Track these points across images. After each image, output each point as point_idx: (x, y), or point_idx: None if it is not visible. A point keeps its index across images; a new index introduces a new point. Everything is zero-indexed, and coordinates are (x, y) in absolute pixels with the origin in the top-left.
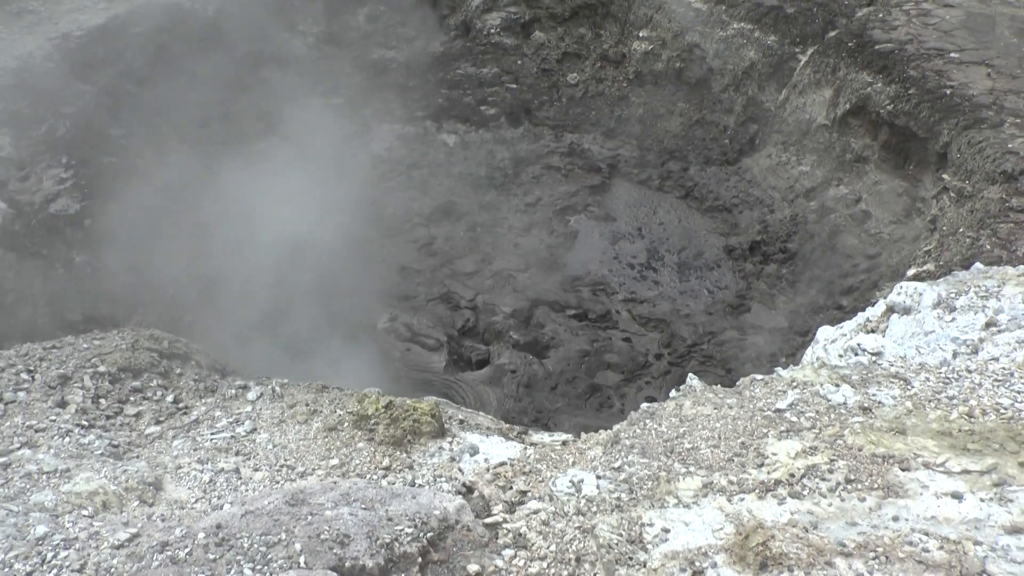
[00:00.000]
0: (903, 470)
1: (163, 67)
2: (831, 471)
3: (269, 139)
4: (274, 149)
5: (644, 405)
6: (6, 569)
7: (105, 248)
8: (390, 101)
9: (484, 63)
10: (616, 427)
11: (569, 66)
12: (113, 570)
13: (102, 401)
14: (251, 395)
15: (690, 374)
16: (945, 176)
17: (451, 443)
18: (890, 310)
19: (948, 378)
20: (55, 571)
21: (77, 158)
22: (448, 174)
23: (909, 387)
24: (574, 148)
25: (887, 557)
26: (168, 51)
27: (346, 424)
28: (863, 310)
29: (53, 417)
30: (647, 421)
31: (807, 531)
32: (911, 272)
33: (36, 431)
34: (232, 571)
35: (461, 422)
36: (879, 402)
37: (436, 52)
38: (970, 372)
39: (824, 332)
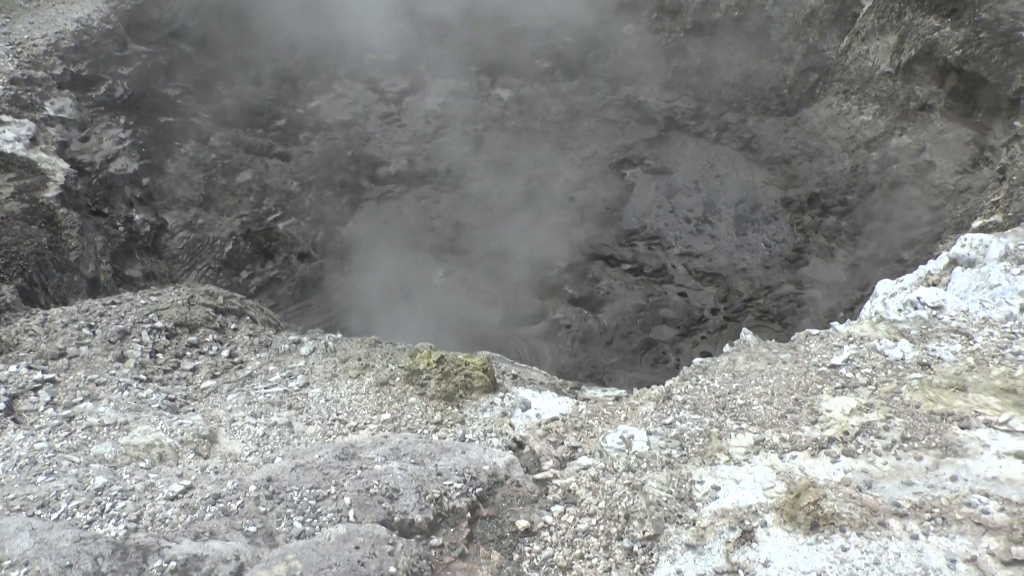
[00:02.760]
0: (963, 428)
1: (217, 27)
2: (887, 429)
3: (323, 95)
4: (329, 106)
5: (697, 360)
6: (68, 517)
7: (163, 206)
8: (444, 56)
9: (537, 16)
10: (668, 383)
11: (625, 17)
12: (167, 520)
13: (159, 356)
14: (304, 350)
15: (744, 328)
16: (1017, 123)
17: (503, 398)
18: (953, 263)
19: (1014, 333)
20: (113, 520)
21: (135, 118)
22: (503, 128)
23: (971, 342)
24: (630, 100)
25: (944, 518)
26: (222, 11)
27: (398, 379)
28: (925, 263)
29: (113, 371)
30: (699, 376)
31: (860, 490)
32: (977, 224)
33: (97, 384)
34: (282, 524)
35: (514, 377)
36: (939, 358)
37: (490, 4)
38: None
39: (883, 286)
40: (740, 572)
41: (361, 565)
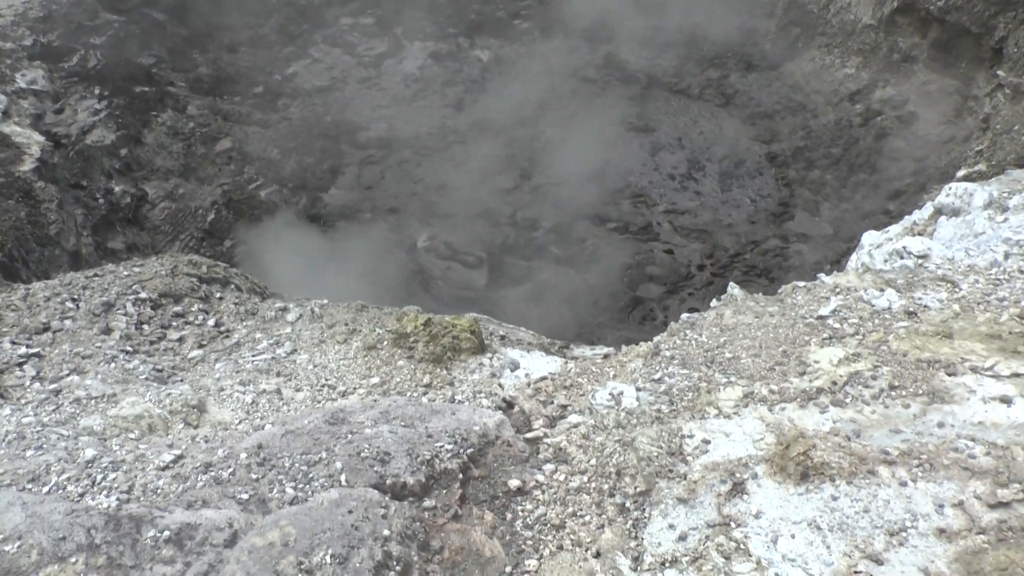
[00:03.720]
0: (949, 375)
1: None
2: (874, 378)
3: (300, 61)
4: (306, 72)
5: (684, 315)
6: (60, 491)
7: (142, 177)
8: (421, 19)
9: None
10: (656, 338)
11: None
12: (159, 491)
13: (145, 327)
14: (290, 316)
15: (731, 283)
16: (1000, 72)
17: (491, 359)
18: (938, 212)
19: (998, 279)
20: (104, 492)
21: (110, 88)
22: (483, 90)
23: (957, 290)
24: (611, 59)
25: (931, 464)
26: None
27: (385, 343)
28: (910, 213)
29: (99, 344)
30: (687, 331)
31: (849, 440)
32: (961, 173)
33: (83, 358)
34: (274, 490)
35: (502, 338)
36: (925, 306)
37: None
38: (1022, 272)
39: (869, 237)
40: (732, 524)
41: (355, 529)
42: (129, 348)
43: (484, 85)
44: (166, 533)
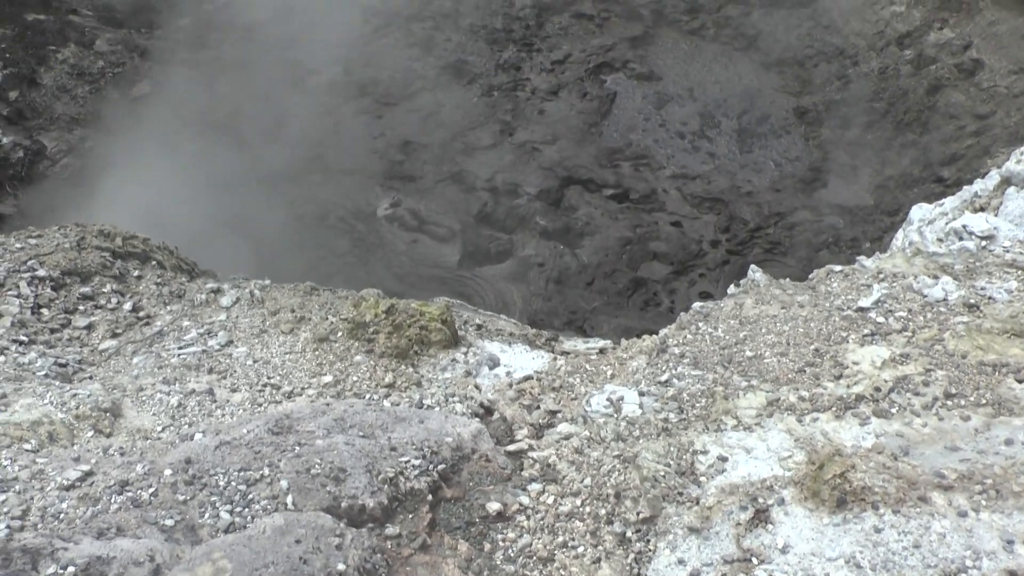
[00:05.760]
0: (1020, 382)
1: None
2: (927, 384)
3: None
4: (243, 2)
5: (697, 304)
6: None
7: (38, 126)
8: None
9: None
10: (663, 332)
11: None
12: (63, 515)
13: (44, 312)
14: (225, 300)
15: (752, 265)
16: None
17: (466, 354)
18: (1006, 182)
19: None
20: None
21: None
22: (457, 27)
23: None
24: None
25: (998, 491)
26: None
27: (340, 333)
28: (970, 183)
29: None
30: (700, 324)
31: (896, 459)
32: None
33: None
34: (206, 515)
35: (478, 328)
36: (990, 297)
37: None
38: None
39: (919, 211)
40: (753, 560)
41: (304, 563)
42: (24, 338)
43: (456, 21)
44: (70, 569)
